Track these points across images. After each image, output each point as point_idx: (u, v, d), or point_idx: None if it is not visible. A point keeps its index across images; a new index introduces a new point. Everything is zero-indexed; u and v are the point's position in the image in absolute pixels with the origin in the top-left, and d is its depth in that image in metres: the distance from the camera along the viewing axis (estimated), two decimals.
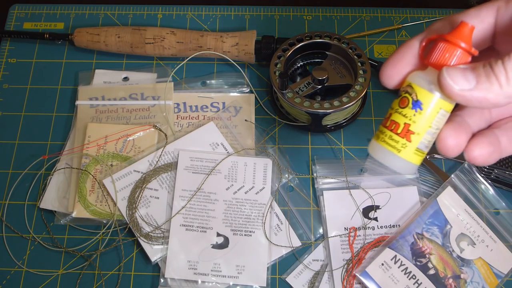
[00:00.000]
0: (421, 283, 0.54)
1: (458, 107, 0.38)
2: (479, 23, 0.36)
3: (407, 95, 0.36)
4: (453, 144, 0.35)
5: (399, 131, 0.36)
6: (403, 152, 0.37)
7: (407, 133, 0.36)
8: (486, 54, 0.37)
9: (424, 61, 0.37)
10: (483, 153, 0.36)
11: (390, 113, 0.37)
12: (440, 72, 0.33)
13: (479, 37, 0.36)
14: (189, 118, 0.65)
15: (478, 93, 0.32)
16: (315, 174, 0.61)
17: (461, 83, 0.32)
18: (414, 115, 0.36)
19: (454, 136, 0.35)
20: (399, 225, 0.58)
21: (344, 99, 0.60)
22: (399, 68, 0.37)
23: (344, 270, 0.56)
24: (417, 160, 0.37)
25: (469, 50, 0.35)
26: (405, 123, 0.36)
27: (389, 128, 0.37)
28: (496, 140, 0.37)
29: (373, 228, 0.58)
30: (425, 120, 0.36)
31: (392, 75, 0.37)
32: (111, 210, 0.59)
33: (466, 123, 0.37)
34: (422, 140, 0.37)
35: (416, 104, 0.36)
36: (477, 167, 0.60)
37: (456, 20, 0.36)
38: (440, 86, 0.33)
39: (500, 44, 0.37)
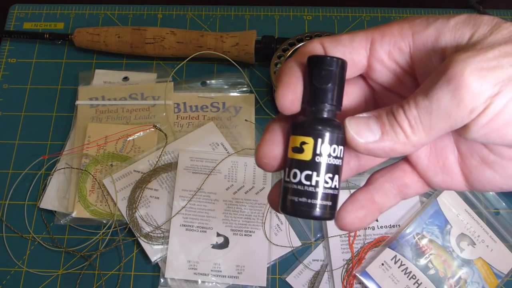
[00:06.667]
0: (421, 283, 0.54)
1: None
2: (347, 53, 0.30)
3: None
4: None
5: None
6: None
7: None
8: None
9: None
10: (354, 220, 0.33)
11: None
12: (344, 125, 0.29)
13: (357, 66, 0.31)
14: (189, 118, 0.65)
15: (384, 144, 0.28)
16: None
17: (366, 136, 0.29)
18: None
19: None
20: (399, 225, 0.58)
21: None
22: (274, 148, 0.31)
23: (344, 270, 0.56)
24: None
25: None
26: None
27: None
28: (369, 200, 0.34)
29: (373, 228, 0.58)
30: None
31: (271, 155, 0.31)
32: (111, 210, 0.59)
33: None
34: None
35: None
36: None
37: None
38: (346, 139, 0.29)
39: (418, 72, 0.31)
